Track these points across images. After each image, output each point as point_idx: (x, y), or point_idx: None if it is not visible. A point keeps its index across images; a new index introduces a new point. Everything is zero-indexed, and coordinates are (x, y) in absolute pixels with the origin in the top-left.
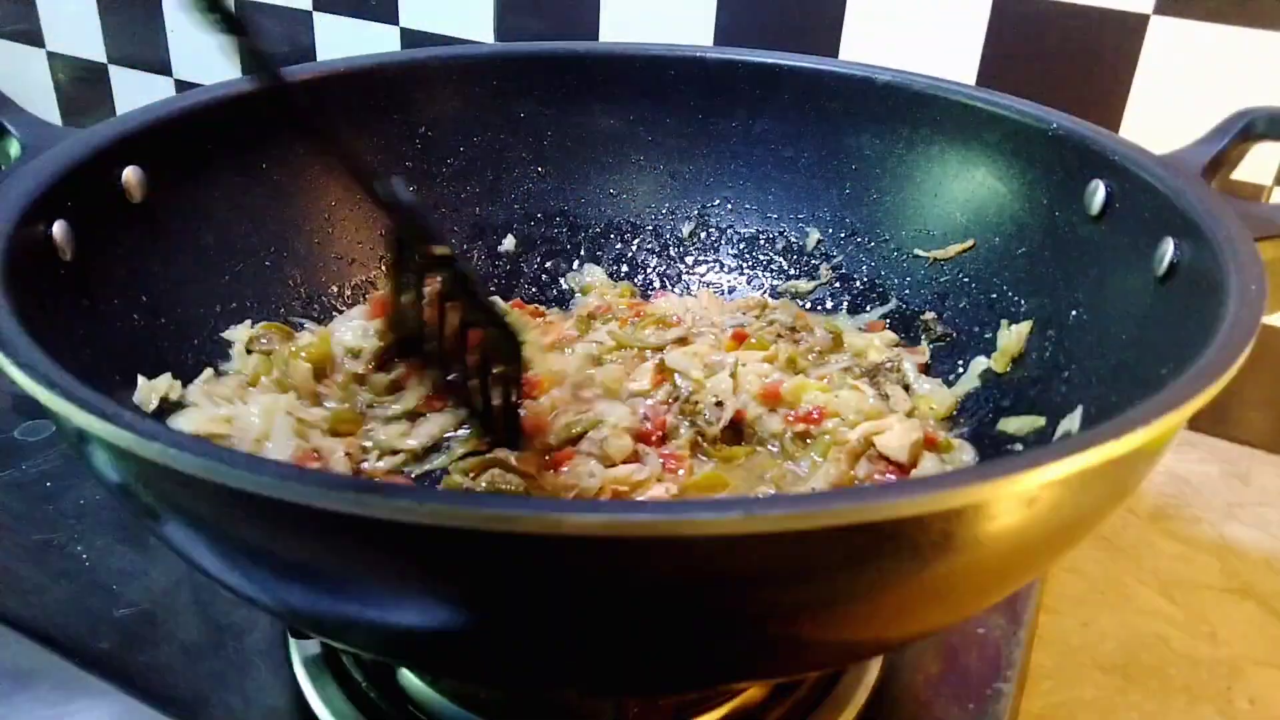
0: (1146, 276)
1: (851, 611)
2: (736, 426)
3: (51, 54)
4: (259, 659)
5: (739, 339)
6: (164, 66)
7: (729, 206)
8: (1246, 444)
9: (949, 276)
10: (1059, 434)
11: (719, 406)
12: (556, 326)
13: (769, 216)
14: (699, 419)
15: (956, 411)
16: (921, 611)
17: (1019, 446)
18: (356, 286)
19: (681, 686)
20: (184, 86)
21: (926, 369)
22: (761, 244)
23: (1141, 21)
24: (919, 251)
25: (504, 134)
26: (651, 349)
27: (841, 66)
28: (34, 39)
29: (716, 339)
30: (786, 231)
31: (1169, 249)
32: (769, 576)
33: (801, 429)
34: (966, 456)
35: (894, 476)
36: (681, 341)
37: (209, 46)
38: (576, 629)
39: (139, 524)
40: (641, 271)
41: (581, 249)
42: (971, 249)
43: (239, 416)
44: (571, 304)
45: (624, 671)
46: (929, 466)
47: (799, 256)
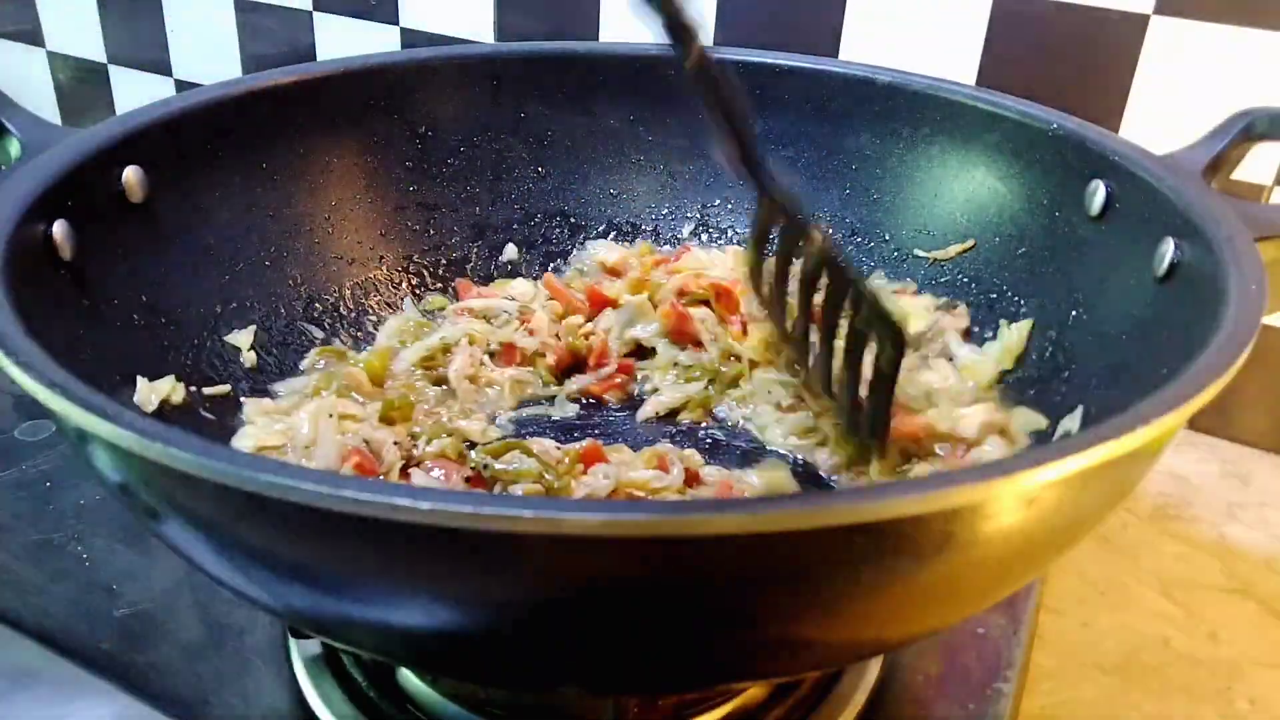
0: (1146, 276)
1: (851, 611)
2: None
3: (51, 54)
4: (259, 659)
5: None
6: (164, 66)
7: (729, 206)
8: (1246, 444)
9: (949, 277)
10: (1059, 434)
11: None
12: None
13: None
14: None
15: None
16: (921, 611)
17: None
18: (357, 287)
19: (681, 686)
20: (184, 86)
21: (967, 334)
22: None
23: (1141, 21)
24: (919, 252)
25: (504, 134)
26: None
27: (841, 66)
28: (34, 38)
29: None
30: None
31: (1169, 249)
32: (769, 576)
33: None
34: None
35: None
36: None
37: (209, 46)
38: (576, 628)
39: (139, 524)
40: None
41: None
42: (971, 249)
43: (292, 427)
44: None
45: (623, 671)
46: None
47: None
